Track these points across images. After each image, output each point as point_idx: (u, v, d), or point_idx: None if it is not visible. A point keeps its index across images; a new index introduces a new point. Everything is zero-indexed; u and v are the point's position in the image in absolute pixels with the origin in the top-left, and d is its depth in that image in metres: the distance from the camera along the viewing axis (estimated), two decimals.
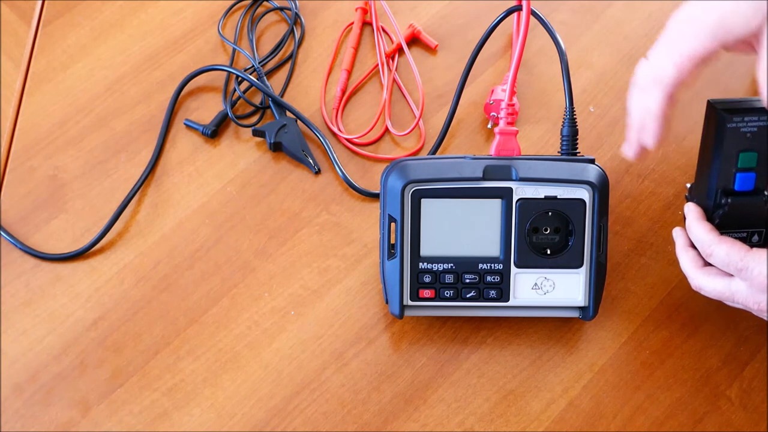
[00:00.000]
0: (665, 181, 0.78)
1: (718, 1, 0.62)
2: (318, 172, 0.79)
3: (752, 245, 0.66)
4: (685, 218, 0.68)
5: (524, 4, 0.71)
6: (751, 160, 0.65)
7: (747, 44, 0.63)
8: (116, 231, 0.76)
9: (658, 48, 0.64)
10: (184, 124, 0.81)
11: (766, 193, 0.66)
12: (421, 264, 0.69)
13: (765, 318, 0.64)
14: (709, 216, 0.67)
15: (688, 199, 0.70)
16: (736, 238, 0.66)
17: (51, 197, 0.78)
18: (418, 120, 0.81)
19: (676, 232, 0.69)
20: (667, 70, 0.62)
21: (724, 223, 0.67)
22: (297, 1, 0.88)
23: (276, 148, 0.80)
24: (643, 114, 0.64)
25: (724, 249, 0.63)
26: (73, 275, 0.74)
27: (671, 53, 0.62)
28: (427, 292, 0.69)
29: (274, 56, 0.86)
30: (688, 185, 0.70)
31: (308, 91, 0.84)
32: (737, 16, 0.61)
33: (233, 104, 0.82)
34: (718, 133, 0.65)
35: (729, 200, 0.66)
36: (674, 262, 0.69)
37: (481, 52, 0.78)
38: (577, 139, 0.71)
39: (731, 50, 0.63)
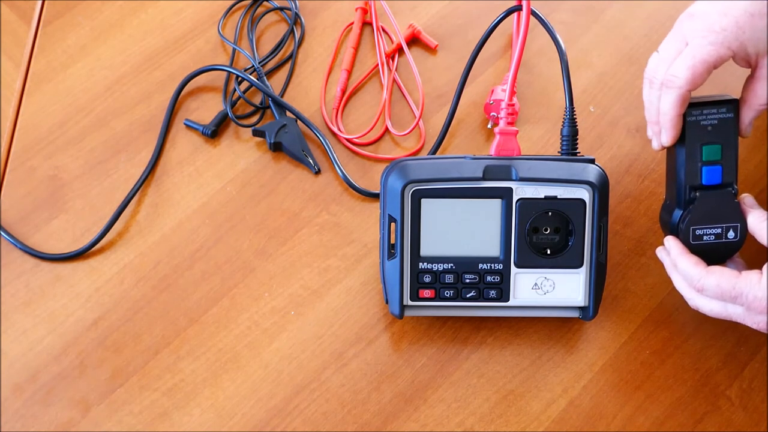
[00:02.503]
0: (665, 181, 0.78)
1: (730, 5, 0.62)
2: (318, 172, 0.79)
3: (729, 242, 0.66)
4: (669, 253, 0.68)
5: (524, 4, 0.71)
6: (716, 153, 0.66)
7: (747, 61, 0.64)
8: (116, 231, 0.76)
9: (669, 44, 0.65)
10: (184, 124, 0.81)
11: (735, 186, 0.66)
12: (421, 264, 0.69)
13: (765, 332, 0.64)
14: (679, 229, 0.67)
15: (663, 210, 0.70)
16: (710, 233, 0.66)
17: (51, 197, 0.78)
18: (418, 120, 0.81)
19: (661, 253, 0.69)
20: (681, 73, 0.63)
21: (697, 218, 0.66)
22: (297, 1, 0.88)
23: (276, 148, 0.80)
24: (659, 115, 0.65)
25: (714, 280, 0.63)
26: (73, 275, 0.74)
27: (685, 57, 0.63)
28: (427, 292, 0.69)
29: (274, 56, 0.86)
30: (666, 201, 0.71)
31: (308, 91, 0.84)
32: (755, 32, 0.61)
33: (233, 104, 0.82)
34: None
35: (697, 194, 0.66)
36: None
37: (481, 52, 0.78)
38: (577, 139, 0.71)
39: (737, 62, 0.64)
